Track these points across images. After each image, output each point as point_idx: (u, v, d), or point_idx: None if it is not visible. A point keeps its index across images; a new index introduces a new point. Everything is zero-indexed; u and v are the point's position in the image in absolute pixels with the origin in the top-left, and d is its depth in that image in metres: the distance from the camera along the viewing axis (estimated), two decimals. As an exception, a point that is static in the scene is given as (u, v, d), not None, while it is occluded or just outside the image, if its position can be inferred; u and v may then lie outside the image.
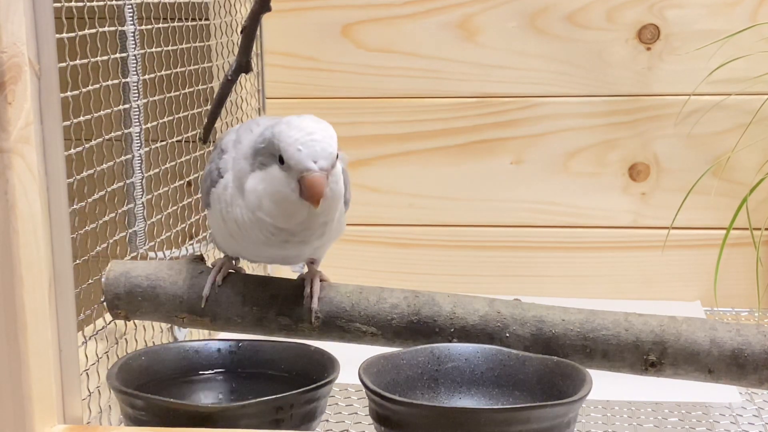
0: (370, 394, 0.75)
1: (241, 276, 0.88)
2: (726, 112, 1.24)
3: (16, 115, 0.68)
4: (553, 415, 0.72)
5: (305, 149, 0.75)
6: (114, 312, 0.88)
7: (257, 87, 1.31)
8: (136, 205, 0.99)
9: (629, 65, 1.26)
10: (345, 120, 1.32)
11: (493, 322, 0.84)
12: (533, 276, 1.31)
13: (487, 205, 1.31)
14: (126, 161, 0.98)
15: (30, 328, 0.70)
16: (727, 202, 1.24)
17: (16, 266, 0.69)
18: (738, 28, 1.20)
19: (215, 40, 1.20)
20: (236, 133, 0.85)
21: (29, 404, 0.70)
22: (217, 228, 0.86)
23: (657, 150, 1.28)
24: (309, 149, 0.75)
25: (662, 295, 1.28)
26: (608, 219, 1.30)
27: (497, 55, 1.29)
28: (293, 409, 0.76)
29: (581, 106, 1.28)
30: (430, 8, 1.30)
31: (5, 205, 0.68)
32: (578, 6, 1.27)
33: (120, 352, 0.92)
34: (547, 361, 0.81)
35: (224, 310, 0.87)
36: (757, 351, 0.81)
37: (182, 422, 0.74)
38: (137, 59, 0.97)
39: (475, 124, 1.31)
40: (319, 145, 0.75)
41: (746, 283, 1.24)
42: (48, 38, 0.71)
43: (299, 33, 1.32)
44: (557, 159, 1.30)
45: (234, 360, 0.87)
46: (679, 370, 0.82)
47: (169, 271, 0.88)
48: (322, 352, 0.84)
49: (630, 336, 0.82)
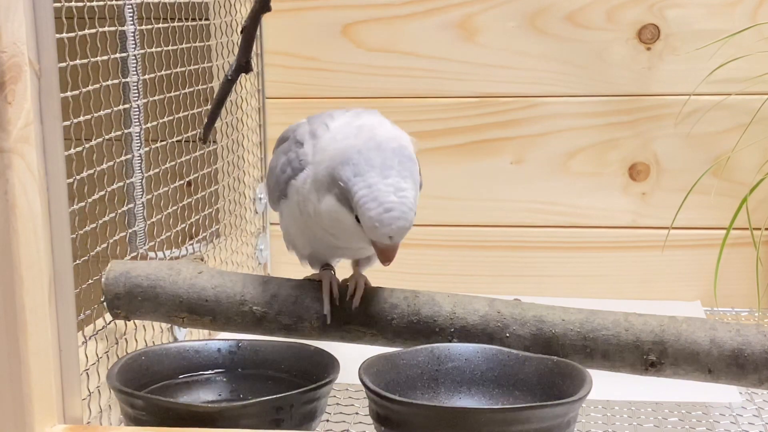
0: (370, 394, 0.75)
1: (240, 276, 0.88)
2: (726, 112, 1.24)
3: (16, 115, 0.68)
4: (553, 415, 0.72)
5: (382, 227, 0.75)
6: (114, 312, 0.88)
7: (257, 87, 1.31)
8: (136, 205, 0.99)
9: (629, 65, 1.26)
10: (345, 120, 1.32)
11: (493, 322, 0.84)
12: (533, 276, 1.31)
13: (487, 205, 1.31)
14: (126, 161, 0.98)
15: (30, 328, 0.70)
16: (727, 202, 1.24)
17: (16, 266, 0.69)
18: (738, 28, 1.20)
19: (215, 40, 1.20)
20: (309, 125, 0.85)
21: (29, 404, 0.70)
22: (292, 220, 0.86)
23: (657, 150, 1.28)
24: (385, 228, 0.75)
25: (662, 295, 1.28)
26: (608, 219, 1.30)
27: (497, 55, 1.29)
28: (293, 409, 0.76)
29: (581, 106, 1.28)
30: (430, 8, 1.30)
31: (5, 205, 0.68)
32: (578, 6, 1.27)
33: (120, 352, 0.92)
34: (547, 361, 0.81)
35: (224, 310, 0.87)
36: (757, 351, 0.81)
37: (182, 422, 0.74)
38: (137, 59, 0.97)
39: (475, 124, 1.31)
40: (396, 223, 0.75)
41: (746, 283, 1.24)
42: (48, 38, 0.71)
43: (299, 33, 1.32)
44: (557, 159, 1.30)
45: (234, 360, 0.87)
46: (679, 370, 0.82)
47: (169, 271, 0.88)
48: (322, 352, 0.84)
49: (630, 336, 0.82)
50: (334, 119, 0.84)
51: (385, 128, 0.82)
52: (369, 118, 0.84)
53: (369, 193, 0.75)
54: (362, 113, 0.85)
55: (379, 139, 0.79)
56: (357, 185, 0.76)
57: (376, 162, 0.76)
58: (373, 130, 0.81)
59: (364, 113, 0.85)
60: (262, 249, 1.33)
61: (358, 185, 0.76)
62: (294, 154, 0.84)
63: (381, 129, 0.82)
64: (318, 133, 0.83)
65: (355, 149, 0.78)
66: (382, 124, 0.83)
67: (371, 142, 0.78)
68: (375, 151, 0.77)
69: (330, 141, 0.82)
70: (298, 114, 1.33)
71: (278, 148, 0.89)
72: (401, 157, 0.78)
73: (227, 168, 1.24)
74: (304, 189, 0.82)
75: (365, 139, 0.79)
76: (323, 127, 0.84)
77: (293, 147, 0.85)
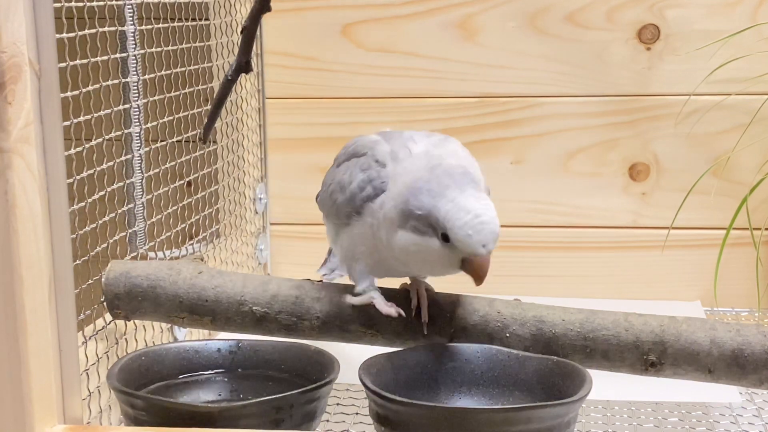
0: (370, 394, 0.75)
1: (240, 276, 0.88)
2: (726, 112, 1.24)
3: (16, 115, 0.68)
4: (553, 415, 0.72)
5: (476, 235, 0.74)
6: (114, 312, 0.88)
7: (257, 87, 1.31)
8: (136, 205, 0.99)
9: (629, 65, 1.26)
10: (345, 120, 1.32)
11: (493, 322, 0.84)
12: (533, 276, 1.31)
13: (487, 205, 1.31)
14: (126, 161, 0.98)
15: (30, 328, 0.70)
16: (727, 202, 1.24)
17: (16, 266, 0.69)
18: (738, 28, 1.20)
19: (215, 40, 1.20)
20: (388, 144, 0.83)
21: (29, 404, 0.70)
22: (362, 239, 0.83)
23: (657, 150, 1.28)
24: (480, 235, 0.74)
25: (662, 295, 1.28)
26: (608, 219, 1.30)
27: (497, 55, 1.29)
28: (293, 409, 0.76)
29: (581, 106, 1.28)
30: (430, 8, 1.30)
31: (5, 205, 0.68)
32: (578, 6, 1.27)
33: (120, 352, 0.92)
34: (546, 361, 0.81)
35: (224, 310, 0.87)
36: (757, 351, 0.81)
37: (182, 422, 0.74)
38: (137, 59, 0.97)
39: (475, 124, 1.31)
40: (488, 227, 0.75)
41: (746, 283, 1.24)
42: (48, 38, 0.71)
43: (299, 33, 1.32)
44: (557, 159, 1.30)
45: (234, 360, 0.87)
46: (679, 370, 0.82)
47: (169, 271, 0.88)
48: (322, 352, 0.84)
49: (630, 336, 0.82)
50: (417, 143, 0.82)
51: (456, 157, 0.81)
52: (448, 147, 0.82)
53: (454, 206, 0.75)
54: (444, 142, 0.83)
55: (445, 166, 0.78)
56: (439, 204, 0.75)
57: (449, 182, 0.76)
58: (442, 159, 0.79)
59: (445, 142, 0.83)
60: (262, 249, 1.33)
61: (440, 203, 0.75)
62: (375, 173, 0.82)
63: (451, 159, 0.80)
64: (400, 156, 0.81)
65: (423, 180, 0.77)
66: (457, 153, 0.82)
67: (439, 169, 0.77)
68: (444, 175, 0.77)
69: (403, 172, 0.80)
70: (298, 114, 1.34)
71: (349, 162, 0.85)
72: (470, 178, 0.77)
73: (227, 168, 1.24)
74: (380, 214, 0.80)
75: (431, 167, 0.78)
76: (405, 150, 0.81)
77: (374, 165, 0.82)
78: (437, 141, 0.83)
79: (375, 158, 0.82)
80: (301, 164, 1.34)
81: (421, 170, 0.79)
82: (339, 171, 0.86)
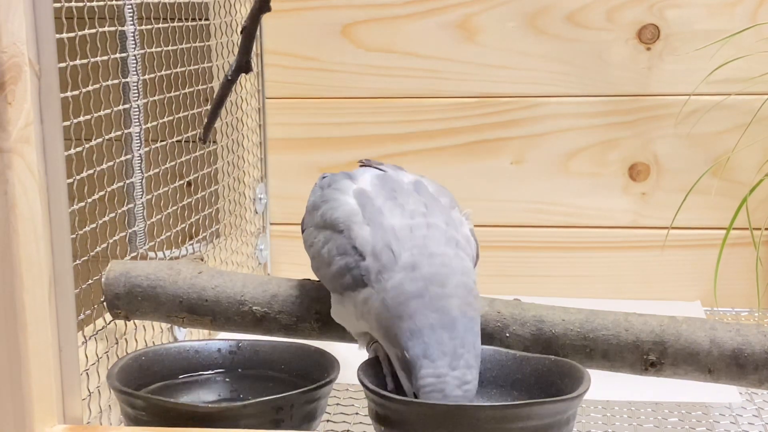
0: (370, 394, 0.75)
1: (240, 276, 0.88)
2: (726, 112, 1.24)
3: (16, 115, 0.68)
4: (552, 412, 0.72)
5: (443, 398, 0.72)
6: (114, 312, 0.88)
7: (257, 87, 1.31)
8: (136, 205, 0.99)
9: (629, 65, 1.26)
10: (345, 120, 1.32)
11: (493, 322, 0.84)
12: (533, 276, 1.31)
13: (487, 205, 1.31)
14: (126, 161, 0.98)
15: (30, 328, 0.70)
16: (727, 202, 1.24)
17: (16, 266, 0.69)
18: (738, 28, 1.20)
19: (215, 40, 1.20)
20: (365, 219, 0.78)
21: (29, 404, 0.70)
22: (347, 316, 0.81)
23: (657, 150, 1.28)
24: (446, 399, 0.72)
25: (662, 295, 1.28)
26: (608, 219, 1.30)
27: (497, 55, 1.29)
28: (293, 409, 0.76)
29: (581, 106, 1.28)
30: (430, 8, 1.30)
31: (5, 205, 0.68)
32: (578, 6, 1.27)
33: (120, 352, 0.92)
34: (544, 360, 0.81)
35: (224, 310, 0.87)
36: (757, 351, 0.81)
37: (182, 422, 0.74)
38: (137, 59, 0.97)
39: (475, 124, 1.31)
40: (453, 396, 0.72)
41: (746, 283, 1.24)
42: (48, 38, 0.71)
43: (299, 33, 1.32)
44: (557, 159, 1.30)
45: (234, 360, 0.87)
46: (679, 370, 0.82)
47: (169, 271, 0.88)
48: (322, 352, 0.84)
49: (630, 336, 0.82)
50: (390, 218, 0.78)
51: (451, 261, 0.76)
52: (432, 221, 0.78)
53: (437, 383, 0.72)
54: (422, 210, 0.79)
55: (449, 307, 0.73)
56: (425, 369, 0.72)
57: (447, 348, 0.72)
58: (427, 284, 0.74)
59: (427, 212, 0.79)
60: (262, 249, 1.33)
61: (426, 370, 0.72)
62: (354, 262, 0.77)
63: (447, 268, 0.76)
64: (383, 259, 0.76)
65: (427, 322, 0.73)
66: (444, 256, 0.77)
67: (446, 317, 0.73)
68: (448, 331, 0.73)
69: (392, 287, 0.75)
70: (298, 114, 1.34)
71: (325, 231, 0.82)
72: (472, 334, 0.74)
73: (227, 168, 1.24)
74: (365, 308, 0.77)
75: (436, 308, 0.73)
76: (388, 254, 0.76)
77: (351, 252, 0.78)
78: (413, 211, 0.79)
79: (353, 244, 0.78)
80: (301, 164, 1.34)
81: (415, 296, 0.74)
82: (318, 239, 0.83)
